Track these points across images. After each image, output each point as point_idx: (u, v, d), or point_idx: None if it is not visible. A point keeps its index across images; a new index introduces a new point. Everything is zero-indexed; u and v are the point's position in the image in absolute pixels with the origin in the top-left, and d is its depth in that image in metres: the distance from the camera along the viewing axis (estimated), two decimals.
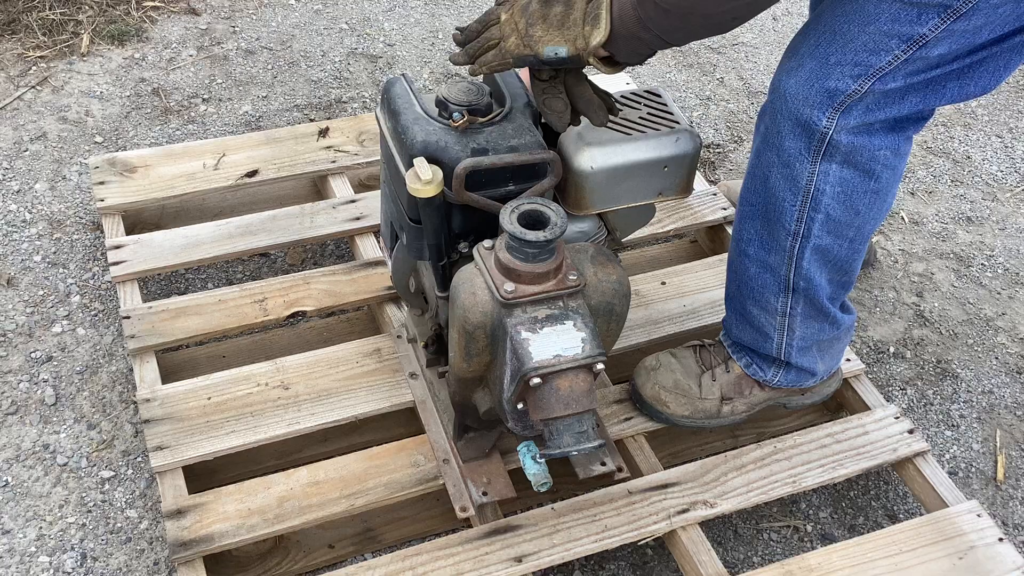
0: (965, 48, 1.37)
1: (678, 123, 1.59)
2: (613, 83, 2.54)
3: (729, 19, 1.33)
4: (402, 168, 1.50)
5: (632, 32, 1.33)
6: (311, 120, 2.63)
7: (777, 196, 1.55)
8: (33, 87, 2.64)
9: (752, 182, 1.59)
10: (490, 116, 1.51)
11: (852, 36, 1.39)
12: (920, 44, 1.35)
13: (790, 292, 1.63)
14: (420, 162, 1.44)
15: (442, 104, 1.51)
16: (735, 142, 2.70)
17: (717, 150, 2.67)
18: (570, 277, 1.41)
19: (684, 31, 1.34)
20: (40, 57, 2.73)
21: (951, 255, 2.45)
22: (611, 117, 1.54)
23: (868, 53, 1.38)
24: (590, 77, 1.50)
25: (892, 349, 2.20)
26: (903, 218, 2.53)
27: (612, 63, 1.40)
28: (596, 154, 1.53)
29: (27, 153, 2.45)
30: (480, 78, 1.56)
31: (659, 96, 1.65)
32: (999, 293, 2.36)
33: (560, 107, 1.46)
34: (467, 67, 1.45)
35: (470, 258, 1.49)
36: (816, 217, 1.53)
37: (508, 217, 1.38)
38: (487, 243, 1.45)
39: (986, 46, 1.38)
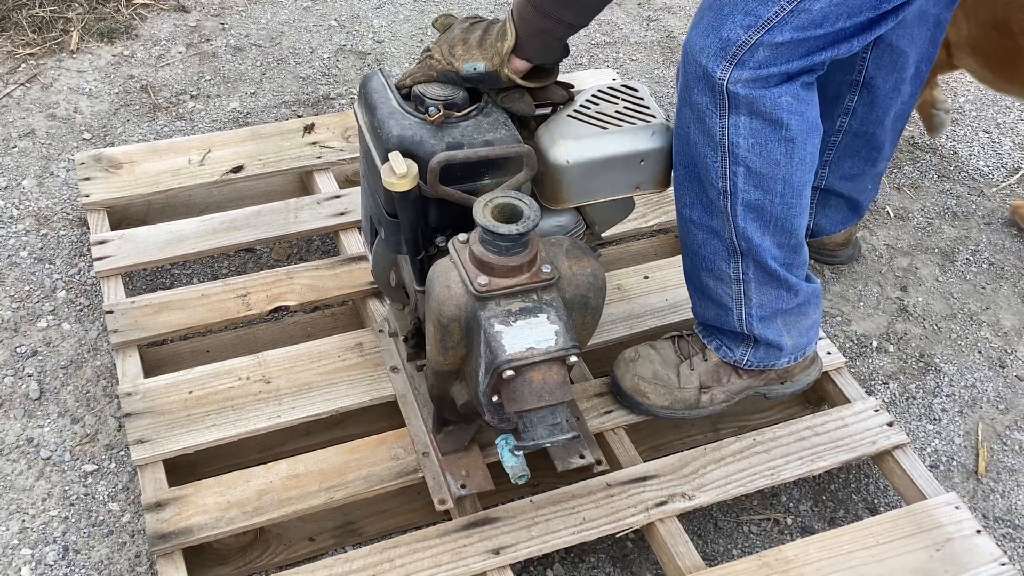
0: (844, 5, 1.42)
1: (655, 117, 1.60)
2: (598, 77, 2.55)
3: None
4: (378, 162, 1.51)
5: (535, 27, 1.44)
6: (299, 116, 2.64)
7: (699, 153, 1.57)
8: (22, 84, 2.65)
9: (678, 143, 1.61)
10: (466, 111, 1.52)
11: None
12: None
13: (738, 255, 1.64)
14: (395, 156, 1.45)
15: (418, 98, 1.52)
16: None
17: None
18: (544, 270, 1.42)
19: (577, 3, 1.41)
20: (30, 54, 2.74)
21: (936, 250, 2.45)
22: (587, 110, 1.58)
23: (756, 3, 1.43)
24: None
25: (875, 343, 2.21)
26: (888, 213, 2.54)
27: (531, 76, 1.51)
28: (572, 148, 1.53)
29: (15, 150, 2.46)
30: None
31: (636, 90, 1.65)
32: (983, 288, 2.37)
33: (518, 95, 1.54)
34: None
35: (447, 252, 1.49)
36: (738, 171, 1.55)
37: (481, 210, 1.39)
38: (462, 237, 1.45)
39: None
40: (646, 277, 2.09)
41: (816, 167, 1.62)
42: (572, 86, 1.64)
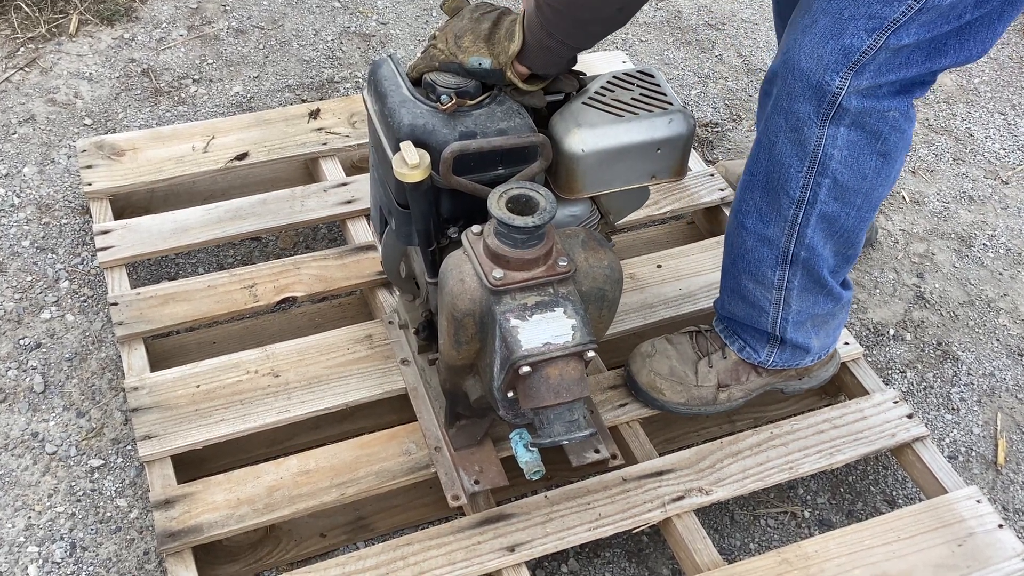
0: None
1: (671, 104, 1.55)
2: (609, 63, 2.50)
3: (615, 10, 1.35)
4: (389, 152, 1.47)
5: (540, 41, 1.40)
6: (303, 101, 2.60)
7: (783, 162, 1.52)
8: (21, 68, 2.60)
9: (758, 149, 1.57)
10: (479, 99, 1.47)
11: None
12: None
13: (788, 264, 1.61)
14: (407, 146, 1.41)
15: (430, 86, 1.48)
16: (733, 121, 2.66)
17: (715, 129, 2.64)
18: (560, 263, 1.38)
19: (581, 30, 1.38)
20: (29, 38, 2.69)
21: (952, 235, 2.41)
22: (602, 98, 1.54)
23: (881, 4, 1.36)
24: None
25: (892, 331, 2.17)
26: (904, 197, 2.50)
27: (532, 79, 1.47)
28: (587, 136, 1.49)
29: (15, 136, 2.42)
30: None
31: (652, 76, 1.61)
32: (1001, 273, 2.33)
33: (528, 91, 1.50)
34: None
35: (460, 243, 1.46)
36: (823, 182, 1.51)
37: (496, 202, 1.35)
38: (476, 228, 1.42)
39: None
40: (659, 266, 2.05)
41: (895, 182, 1.59)
42: (584, 74, 1.60)
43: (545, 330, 1.35)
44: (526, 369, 1.33)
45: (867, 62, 1.40)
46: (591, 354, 1.37)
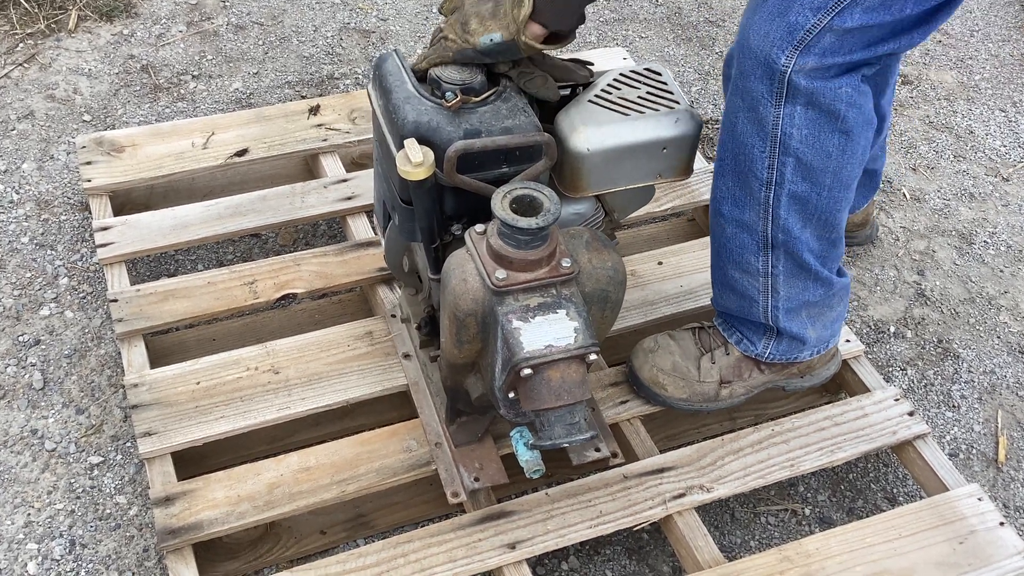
0: None
1: (678, 103, 1.55)
2: (611, 60, 2.50)
3: None
4: (393, 148, 1.46)
5: None
6: (303, 97, 2.59)
7: (746, 144, 1.53)
8: (20, 65, 2.59)
9: (723, 133, 1.58)
10: (484, 96, 1.47)
11: None
12: None
13: (769, 249, 1.61)
14: (411, 143, 1.40)
15: (435, 82, 1.47)
16: None
17: (716, 126, 2.63)
18: (563, 264, 1.38)
19: None
20: (28, 34, 2.68)
21: (953, 232, 2.41)
22: (608, 96, 1.53)
23: None
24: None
25: (892, 328, 2.17)
26: (904, 195, 2.50)
27: (549, 40, 1.44)
28: (592, 135, 1.49)
29: (14, 132, 2.41)
30: None
31: (659, 74, 1.61)
32: (1001, 271, 2.33)
33: (541, 81, 1.49)
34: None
35: (463, 240, 1.45)
36: (787, 162, 1.51)
37: (500, 203, 1.35)
38: (479, 228, 1.41)
39: None
40: (660, 263, 2.05)
41: (866, 160, 1.58)
42: (592, 64, 1.59)
43: (547, 332, 1.34)
44: (527, 371, 1.33)
45: (812, 42, 1.42)
46: (593, 357, 1.36)
